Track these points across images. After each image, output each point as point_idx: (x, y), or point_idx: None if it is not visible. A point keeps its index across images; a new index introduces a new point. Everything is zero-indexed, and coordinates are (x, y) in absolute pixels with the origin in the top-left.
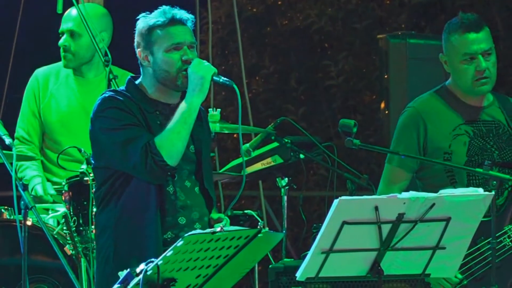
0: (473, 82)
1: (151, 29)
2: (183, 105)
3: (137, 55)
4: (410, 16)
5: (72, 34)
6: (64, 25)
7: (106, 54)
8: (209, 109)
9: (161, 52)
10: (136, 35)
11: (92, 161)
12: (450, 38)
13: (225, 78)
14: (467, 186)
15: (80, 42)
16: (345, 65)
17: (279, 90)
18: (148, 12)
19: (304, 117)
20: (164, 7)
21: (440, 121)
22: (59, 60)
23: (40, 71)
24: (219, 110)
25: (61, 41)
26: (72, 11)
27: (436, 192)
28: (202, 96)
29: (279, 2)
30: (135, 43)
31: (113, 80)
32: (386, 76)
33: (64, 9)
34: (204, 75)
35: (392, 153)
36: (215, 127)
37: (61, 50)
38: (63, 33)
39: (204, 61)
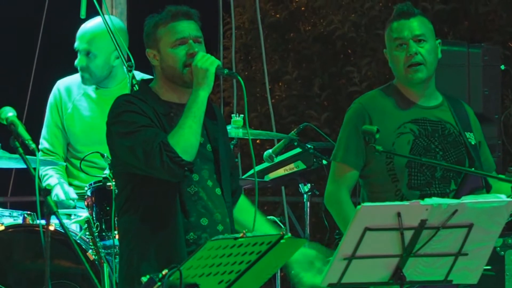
0: (405, 69)
1: (155, 26)
2: (190, 100)
3: (147, 56)
4: (433, 22)
5: (87, 53)
6: (80, 45)
7: (129, 59)
8: (232, 115)
9: (167, 48)
10: (144, 36)
11: (112, 167)
12: (387, 30)
13: (229, 71)
14: (408, 186)
15: (96, 62)
16: (368, 71)
17: (302, 96)
18: (153, 14)
19: (327, 123)
20: (169, 6)
21: (385, 118)
22: None
23: (61, 83)
24: (242, 115)
25: (77, 62)
26: (87, 26)
27: (376, 190)
28: (207, 89)
29: (303, 8)
30: (144, 45)
31: (136, 85)
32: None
33: (87, 15)
34: (208, 67)
35: (412, 159)
36: (238, 132)
37: (78, 68)
38: (77, 51)
39: (208, 54)
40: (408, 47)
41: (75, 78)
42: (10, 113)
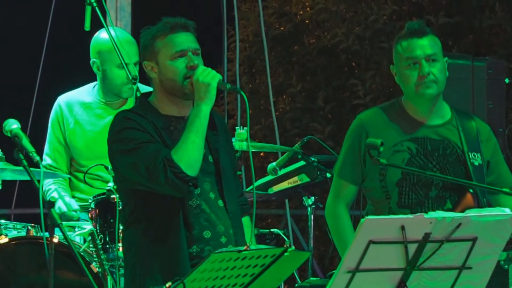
0: (417, 86)
1: (153, 39)
2: (192, 115)
3: (144, 68)
4: (437, 35)
5: (135, 64)
6: (134, 57)
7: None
8: (236, 128)
9: (166, 61)
10: (140, 48)
11: (115, 184)
12: (396, 47)
13: (231, 86)
14: (398, 204)
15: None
16: (372, 84)
17: (306, 109)
18: (150, 26)
19: (331, 136)
20: (165, 18)
21: (382, 135)
22: (86, 81)
23: (62, 98)
24: (246, 128)
25: (133, 72)
26: (128, 37)
27: (376, 205)
28: (210, 104)
29: (307, 21)
30: (141, 57)
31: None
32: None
33: (92, 27)
34: (210, 82)
35: (419, 172)
36: (242, 145)
37: (127, 81)
38: (126, 64)
39: (208, 68)
40: (420, 66)
41: (76, 93)
42: (14, 125)
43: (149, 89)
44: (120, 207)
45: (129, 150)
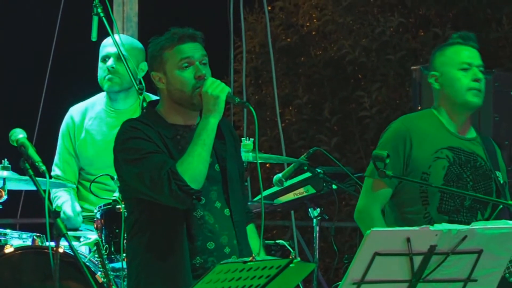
0: (467, 91)
1: (161, 49)
2: (200, 127)
3: (152, 78)
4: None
5: (118, 57)
6: (110, 49)
7: (140, 83)
8: (242, 139)
9: (174, 70)
10: (148, 59)
11: (120, 193)
12: (445, 52)
13: (239, 99)
14: (438, 209)
15: (127, 65)
16: (378, 96)
17: (312, 120)
18: (157, 36)
19: (337, 147)
20: (172, 28)
21: (424, 141)
22: (92, 90)
23: (74, 110)
24: (252, 139)
25: (109, 63)
26: (116, 37)
27: (406, 211)
28: (218, 116)
29: (313, 33)
30: (148, 67)
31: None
32: (419, 108)
33: (99, 37)
34: (219, 95)
35: (425, 184)
36: (248, 156)
37: (107, 72)
38: (107, 58)
39: (217, 80)
40: (474, 71)
41: (87, 103)
42: (20, 134)
43: (155, 98)
44: (126, 217)
45: (135, 160)
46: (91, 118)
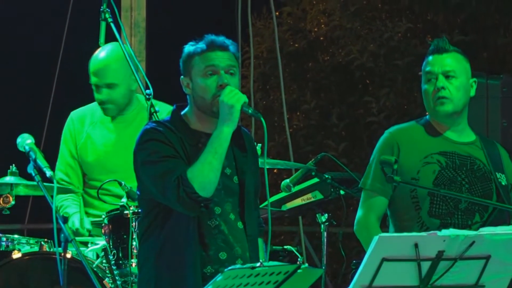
0: (434, 102)
1: (191, 55)
2: (213, 135)
3: (181, 83)
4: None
5: (110, 86)
6: (100, 80)
7: (147, 87)
8: None
9: (198, 77)
10: (180, 63)
11: (138, 192)
12: (423, 64)
13: (254, 110)
14: (429, 213)
15: (119, 91)
16: (386, 102)
17: (320, 126)
18: (194, 41)
19: (345, 153)
20: (207, 35)
21: (413, 148)
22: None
23: (75, 113)
24: (259, 145)
25: (100, 96)
26: (100, 58)
27: (401, 219)
28: (232, 125)
29: (321, 38)
30: (181, 71)
31: (154, 114)
32: (426, 114)
33: (106, 43)
34: (234, 104)
35: (432, 190)
36: None
37: (99, 102)
38: (97, 88)
39: (236, 89)
40: (436, 81)
41: (89, 108)
42: (28, 140)
43: (163, 104)
44: (137, 220)
45: (151, 162)
46: (92, 123)
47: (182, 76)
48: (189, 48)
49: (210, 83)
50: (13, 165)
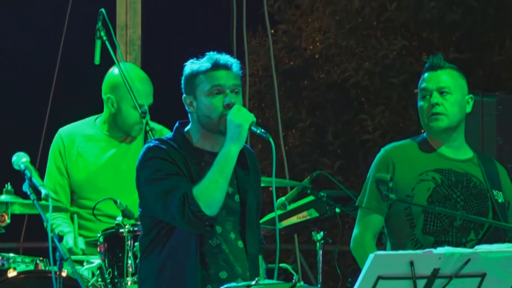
0: (428, 118)
1: (194, 74)
2: (220, 154)
3: (183, 102)
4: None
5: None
6: (147, 101)
7: (141, 106)
8: None
9: (203, 96)
10: (182, 81)
11: (140, 209)
12: (419, 81)
13: (262, 130)
14: (423, 231)
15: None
16: (381, 120)
17: (316, 144)
18: (195, 59)
19: (340, 171)
20: (210, 53)
21: (409, 165)
22: (95, 114)
23: (63, 130)
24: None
25: (147, 118)
26: (142, 79)
27: (396, 237)
28: (240, 144)
29: (317, 56)
30: (182, 89)
31: (149, 132)
32: (423, 131)
33: (102, 61)
34: (242, 123)
35: (426, 208)
36: None
37: (139, 123)
38: (142, 109)
39: (244, 108)
40: (431, 97)
41: (77, 125)
42: (23, 158)
43: (157, 125)
44: (139, 236)
45: (154, 180)
46: (83, 140)
47: (184, 95)
48: (192, 66)
49: (216, 102)
50: (8, 183)
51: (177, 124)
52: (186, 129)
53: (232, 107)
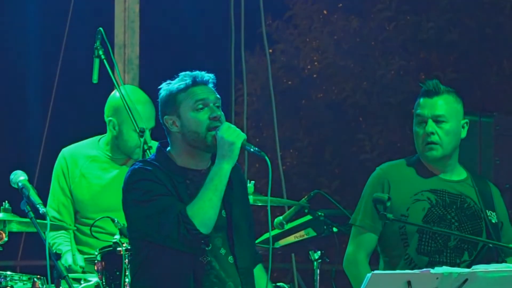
0: (423, 147)
1: (174, 93)
2: (213, 172)
3: (164, 123)
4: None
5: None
6: (149, 124)
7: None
8: None
9: (188, 112)
10: (160, 104)
11: (128, 232)
12: (415, 104)
13: (256, 148)
14: (417, 250)
15: (147, 134)
16: (379, 139)
17: (313, 163)
18: (169, 81)
19: (338, 190)
20: (182, 72)
21: (404, 185)
22: (94, 132)
23: (67, 151)
24: (253, 182)
25: (148, 140)
26: (144, 101)
27: (390, 255)
28: (232, 162)
29: (314, 75)
30: (160, 113)
31: (147, 150)
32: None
33: (100, 80)
34: (234, 141)
35: (424, 227)
36: (249, 199)
37: (139, 146)
38: (141, 133)
39: (233, 126)
40: (426, 125)
41: (80, 146)
42: (21, 177)
43: (155, 143)
44: (129, 258)
45: (144, 201)
46: (86, 161)
47: (165, 116)
48: (169, 87)
49: (202, 116)
50: (6, 201)
51: (158, 145)
52: (167, 149)
53: (219, 120)
